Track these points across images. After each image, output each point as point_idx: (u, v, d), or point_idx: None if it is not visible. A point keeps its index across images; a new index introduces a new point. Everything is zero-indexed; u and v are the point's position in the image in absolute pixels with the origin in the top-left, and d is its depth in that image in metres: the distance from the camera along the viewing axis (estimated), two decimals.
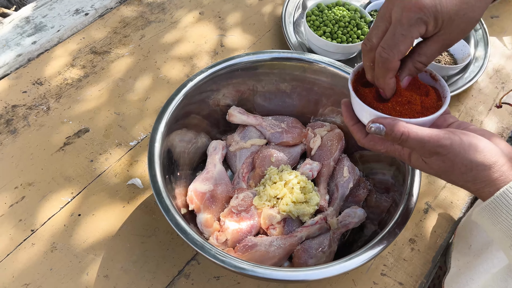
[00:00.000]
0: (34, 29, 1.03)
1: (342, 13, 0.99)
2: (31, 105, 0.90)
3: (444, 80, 0.55)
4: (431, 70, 0.57)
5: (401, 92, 0.52)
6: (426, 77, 0.57)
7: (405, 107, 0.51)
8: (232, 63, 0.76)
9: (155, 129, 0.67)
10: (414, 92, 0.53)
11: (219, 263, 0.56)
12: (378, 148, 0.53)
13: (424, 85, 0.54)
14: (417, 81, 0.55)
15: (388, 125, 0.48)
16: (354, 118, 0.55)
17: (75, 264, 0.71)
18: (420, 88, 0.54)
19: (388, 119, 0.49)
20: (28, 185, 0.79)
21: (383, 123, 0.49)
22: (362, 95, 0.54)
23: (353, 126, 0.55)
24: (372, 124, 0.49)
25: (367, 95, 0.54)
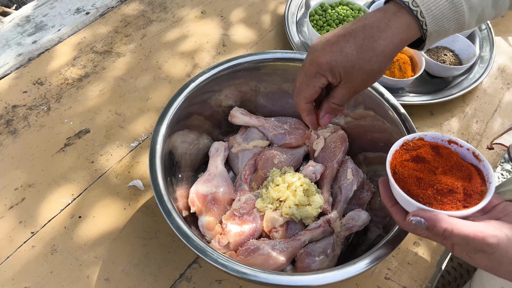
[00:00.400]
0: (34, 28, 1.03)
1: (345, 13, 0.98)
2: (32, 105, 0.90)
3: (488, 162, 0.53)
4: (475, 149, 0.54)
5: (442, 179, 0.51)
6: (469, 155, 0.55)
7: (447, 196, 0.49)
8: (235, 63, 0.75)
9: (156, 131, 0.66)
10: (455, 177, 0.51)
11: (221, 267, 0.55)
12: (418, 233, 0.52)
13: (467, 166, 0.53)
14: (459, 161, 0.53)
15: (430, 220, 0.46)
16: (393, 199, 0.54)
17: (76, 267, 0.70)
18: (462, 170, 0.52)
19: (429, 213, 0.47)
20: (28, 187, 0.78)
21: (424, 217, 0.47)
22: (401, 179, 0.52)
23: (392, 208, 0.54)
24: (413, 217, 0.48)
25: (406, 179, 0.52)
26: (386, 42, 0.52)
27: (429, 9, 0.51)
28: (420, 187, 0.51)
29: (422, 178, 0.52)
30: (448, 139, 0.56)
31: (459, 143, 0.55)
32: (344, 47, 0.53)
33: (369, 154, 0.81)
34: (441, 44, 1.01)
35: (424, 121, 0.93)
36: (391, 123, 0.73)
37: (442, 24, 0.53)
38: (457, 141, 0.56)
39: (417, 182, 0.52)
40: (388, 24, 0.52)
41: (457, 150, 0.55)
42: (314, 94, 0.57)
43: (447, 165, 0.53)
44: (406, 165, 0.53)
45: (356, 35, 0.53)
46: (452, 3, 0.52)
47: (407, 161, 0.54)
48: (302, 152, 0.82)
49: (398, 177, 0.53)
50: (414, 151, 0.55)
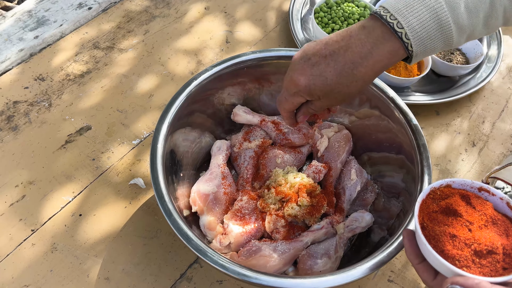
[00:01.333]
0: (36, 23, 1.02)
1: (351, 10, 0.96)
2: (33, 101, 0.89)
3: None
4: (509, 199, 0.49)
5: (479, 237, 0.46)
6: (502, 205, 0.50)
7: (486, 258, 0.45)
8: (238, 61, 0.74)
9: (158, 129, 0.65)
10: (493, 233, 0.46)
11: (222, 269, 0.54)
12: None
13: (503, 220, 0.48)
14: (494, 213, 0.48)
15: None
16: (420, 256, 0.49)
17: (76, 266, 0.70)
18: (499, 225, 0.47)
19: (470, 280, 0.42)
20: (29, 184, 0.78)
21: (464, 286, 0.42)
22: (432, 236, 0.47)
23: (419, 265, 0.49)
24: (452, 286, 0.43)
25: (439, 237, 0.46)
26: (366, 69, 0.52)
27: (414, 31, 0.49)
28: (455, 246, 0.46)
29: (457, 236, 0.46)
30: (478, 187, 0.51)
31: (491, 191, 0.50)
32: (324, 71, 0.53)
33: (373, 154, 0.80)
34: None
35: (430, 121, 0.91)
36: (396, 123, 0.72)
37: (429, 44, 0.51)
38: (489, 189, 0.51)
39: (451, 240, 0.46)
40: (370, 51, 0.51)
41: (488, 199, 0.51)
42: (293, 108, 0.60)
43: (482, 219, 0.47)
44: (436, 218, 0.48)
45: (337, 59, 0.52)
46: (439, 24, 0.49)
47: (436, 212, 0.49)
48: (305, 152, 0.81)
49: (428, 233, 0.47)
50: (443, 201, 0.50)
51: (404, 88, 0.94)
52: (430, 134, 0.89)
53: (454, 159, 0.87)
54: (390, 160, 0.76)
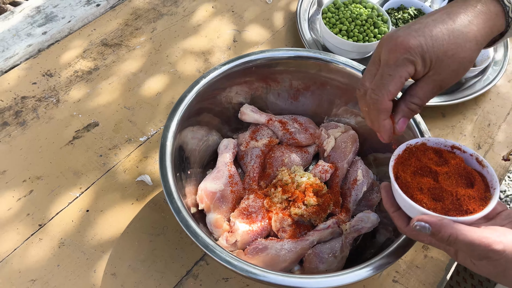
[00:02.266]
0: (45, 19, 1.02)
1: (359, 11, 0.97)
2: (41, 97, 0.89)
3: (492, 168, 0.52)
4: (478, 155, 0.54)
5: (445, 185, 0.51)
6: (473, 161, 0.54)
7: (450, 203, 0.49)
8: (247, 60, 0.74)
9: (167, 127, 0.66)
10: (458, 184, 0.51)
11: (230, 267, 0.55)
12: (421, 239, 0.52)
13: (471, 172, 0.52)
14: (463, 166, 0.53)
15: (435, 225, 0.46)
16: (395, 204, 0.53)
17: (83, 261, 0.70)
18: (466, 176, 0.52)
19: (434, 218, 0.46)
20: (36, 179, 0.78)
21: (428, 222, 0.46)
22: (404, 184, 0.52)
23: (394, 213, 0.53)
24: (417, 222, 0.47)
25: (410, 184, 0.52)
26: (478, 27, 0.48)
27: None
28: (423, 192, 0.51)
29: (425, 183, 0.52)
30: (451, 145, 0.56)
31: (462, 149, 0.55)
32: (433, 30, 0.47)
33: (379, 155, 0.80)
34: None
35: (436, 123, 0.91)
36: None
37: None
38: (460, 147, 0.55)
39: (420, 187, 0.51)
40: (475, 10, 0.48)
41: (460, 155, 0.55)
42: (400, 87, 0.49)
43: (451, 171, 0.53)
44: (409, 170, 0.53)
45: (444, 21, 0.48)
46: None
47: (410, 166, 0.54)
48: (311, 152, 0.81)
49: (401, 182, 0.52)
50: (417, 156, 0.55)
51: None
52: (435, 136, 0.90)
53: None
54: None
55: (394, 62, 0.47)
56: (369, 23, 0.95)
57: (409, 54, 0.47)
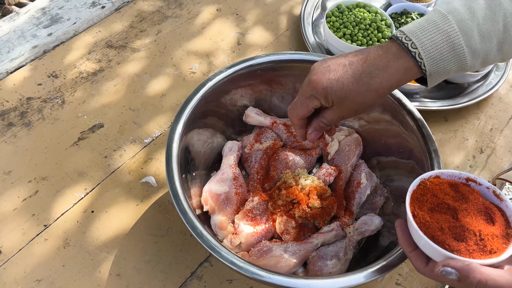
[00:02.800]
0: (50, 20, 1.03)
1: (362, 15, 0.97)
2: (46, 98, 0.90)
3: (510, 202, 0.51)
4: (495, 188, 0.52)
5: (466, 223, 0.49)
6: (489, 194, 0.53)
7: (474, 243, 0.47)
8: (252, 63, 0.75)
9: (173, 129, 0.66)
10: (479, 221, 0.49)
11: (236, 268, 0.55)
12: (442, 281, 0.49)
13: (488, 206, 0.51)
14: (480, 200, 0.51)
15: (462, 270, 0.44)
16: (412, 244, 0.51)
17: (88, 262, 0.71)
18: (484, 212, 0.50)
19: (461, 262, 0.45)
20: (42, 179, 0.79)
21: (455, 268, 0.45)
22: (423, 223, 0.50)
23: (411, 253, 0.51)
24: (443, 268, 0.46)
25: (429, 224, 0.49)
26: (381, 81, 0.55)
27: (427, 51, 0.52)
28: (445, 233, 0.48)
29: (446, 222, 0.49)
30: (465, 177, 0.54)
31: (478, 181, 0.53)
32: (341, 76, 0.55)
33: (382, 159, 0.81)
34: None
35: (439, 127, 0.92)
36: (407, 128, 0.73)
37: (442, 65, 0.53)
38: (475, 179, 0.54)
39: (441, 227, 0.49)
40: (387, 64, 0.54)
41: (476, 188, 0.53)
42: (307, 113, 0.61)
43: (469, 207, 0.50)
44: (426, 207, 0.51)
45: (356, 68, 0.55)
46: (451, 46, 0.52)
47: (426, 202, 0.52)
48: (315, 155, 0.81)
49: (419, 221, 0.50)
50: (433, 192, 0.53)
51: (414, 94, 0.95)
52: (438, 140, 0.90)
53: (462, 166, 0.87)
54: (399, 164, 0.77)
55: (304, 94, 0.59)
56: (372, 28, 0.96)
57: (315, 92, 0.57)
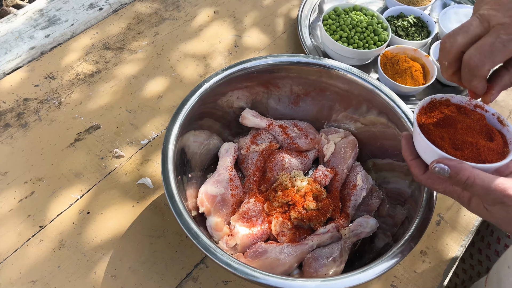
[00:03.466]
0: (47, 22, 1.03)
1: (359, 18, 0.98)
2: (43, 99, 0.90)
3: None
4: (500, 114, 0.55)
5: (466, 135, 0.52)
6: (493, 120, 0.55)
7: (470, 151, 0.51)
8: (249, 65, 0.75)
9: (169, 130, 0.66)
10: (479, 137, 0.52)
11: (231, 270, 0.55)
12: (436, 187, 0.52)
13: (491, 128, 0.54)
14: (484, 122, 0.54)
15: (454, 167, 0.47)
16: (414, 153, 0.54)
17: (83, 263, 0.71)
18: (486, 131, 0.53)
19: (454, 161, 0.48)
20: (38, 180, 0.79)
21: (448, 165, 0.47)
22: (426, 131, 0.53)
23: (412, 161, 0.54)
24: (437, 164, 0.48)
25: (432, 132, 0.53)
26: None
27: None
28: (444, 140, 0.52)
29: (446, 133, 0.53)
30: (474, 104, 0.57)
31: (485, 108, 0.56)
32: None
33: (378, 161, 0.81)
34: None
35: None
36: (403, 131, 0.73)
37: None
38: (483, 106, 0.56)
39: (442, 136, 0.53)
40: None
41: (482, 113, 0.56)
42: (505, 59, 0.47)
43: (472, 125, 0.54)
44: (431, 121, 0.55)
45: None
46: None
47: (433, 117, 0.55)
48: (311, 157, 0.82)
49: (423, 130, 0.54)
50: (441, 110, 0.56)
51: (410, 96, 0.96)
52: None
53: None
54: (395, 167, 0.77)
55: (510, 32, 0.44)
56: (369, 30, 0.97)
57: None
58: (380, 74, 0.93)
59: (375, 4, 1.16)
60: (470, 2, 1.18)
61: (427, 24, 1.06)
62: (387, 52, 0.95)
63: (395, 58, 0.94)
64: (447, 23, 1.05)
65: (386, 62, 0.94)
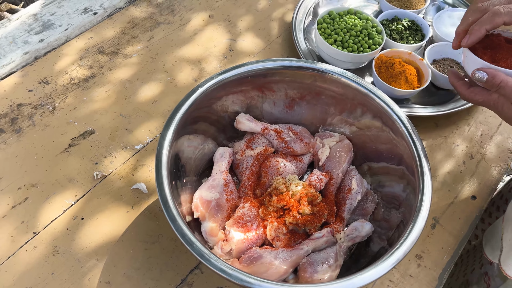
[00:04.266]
0: (42, 27, 1.02)
1: (354, 22, 0.98)
2: (37, 104, 0.89)
3: None
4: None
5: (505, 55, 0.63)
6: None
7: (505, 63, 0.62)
8: (243, 70, 0.75)
9: (163, 135, 0.66)
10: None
11: (226, 276, 0.55)
12: (477, 98, 0.64)
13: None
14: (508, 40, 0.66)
15: (490, 73, 0.60)
16: (459, 77, 0.68)
17: (77, 269, 0.70)
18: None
19: (491, 69, 0.60)
20: (31, 186, 0.78)
21: (486, 72, 0.60)
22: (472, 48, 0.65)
23: (458, 83, 0.67)
24: (477, 71, 0.61)
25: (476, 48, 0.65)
26: None
27: None
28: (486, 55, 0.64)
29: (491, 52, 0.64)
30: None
31: None
32: None
33: (373, 165, 0.81)
34: (447, 56, 1.01)
35: (429, 133, 0.93)
36: (397, 134, 0.73)
37: None
38: None
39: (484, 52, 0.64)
40: None
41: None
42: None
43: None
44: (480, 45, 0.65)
45: None
46: None
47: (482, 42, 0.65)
48: (307, 161, 0.82)
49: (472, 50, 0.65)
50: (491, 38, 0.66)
51: (404, 100, 0.96)
52: (429, 146, 0.91)
53: (452, 171, 0.88)
54: (390, 170, 0.77)
55: None
56: (363, 34, 0.97)
57: None
58: (374, 77, 0.93)
59: (370, 7, 1.17)
60: (464, 5, 1.19)
61: (422, 27, 1.06)
62: (381, 56, 0.95)
63: (389, 62, 0.94)
64: (441, 27, 1.06)
65: (380, 66, 0.94)
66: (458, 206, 0.83)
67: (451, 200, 0.83)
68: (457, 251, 0.77)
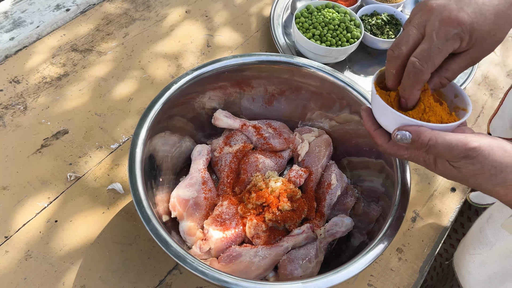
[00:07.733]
0: (12, 24, 0.99)
1: (331, 16, 0.97)
2: (7, 104, 0.86)
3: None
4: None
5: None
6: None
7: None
8: (219, 66, 0.73)
9: (137, 134, 0.64)
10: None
11: (201, 276, 0.53)
12: (401, 153, 0.53)
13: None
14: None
15: (415, 132, 0.48)
16: (376, 123, 0.54)
17: (51, 273, 0.68)
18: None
19: (414, 126, 0.49)
20: (2, 189, 0.75)
21: (409, 130, 0.49)
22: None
23: (375, 132, 0.54)
24: (398, 132, 0.49)
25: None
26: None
27: None
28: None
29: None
30: None
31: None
32: (482, 9, 0.47)
33: (353, 159, 0.81)
34: None
35: None
36: None
37: None
38: None
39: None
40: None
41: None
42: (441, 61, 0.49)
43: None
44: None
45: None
46: None
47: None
48: (286, 156, 0.80)
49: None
50: None
51: None
52: None
53: None
54: (369, 164, 0.76)
55: (445, 35, 0.47)
56: (341, 28, 0.96)
57: (460, 30, 0.47)
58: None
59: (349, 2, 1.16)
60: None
61: (401, 21, 1.06)
62: None
63: None
64: None
65: None
66: (438, 199, 0.83)
67: (431, 193, 0.83)
68: (437, 243, 0.77)
